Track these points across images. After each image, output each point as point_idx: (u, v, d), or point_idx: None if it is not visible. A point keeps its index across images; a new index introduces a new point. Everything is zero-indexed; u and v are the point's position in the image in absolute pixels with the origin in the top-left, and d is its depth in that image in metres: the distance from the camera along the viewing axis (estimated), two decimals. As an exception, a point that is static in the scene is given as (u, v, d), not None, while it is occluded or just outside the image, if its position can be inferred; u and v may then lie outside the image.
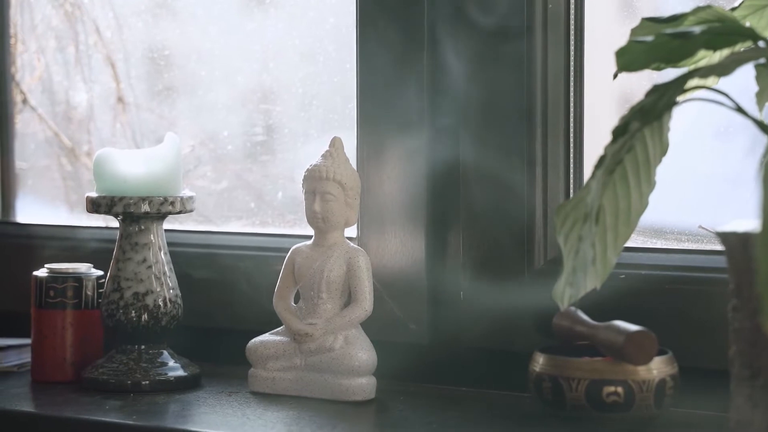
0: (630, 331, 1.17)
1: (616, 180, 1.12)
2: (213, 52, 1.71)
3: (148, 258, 1.44)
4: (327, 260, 1.37)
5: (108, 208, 1.43)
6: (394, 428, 1.27)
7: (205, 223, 1.69)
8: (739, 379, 1.05)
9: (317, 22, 1.63)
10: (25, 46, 1.82)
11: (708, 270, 1.30)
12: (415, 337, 1.44)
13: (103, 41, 1.77)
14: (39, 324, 1.48)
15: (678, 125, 1.13)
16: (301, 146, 1.66)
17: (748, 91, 1.16)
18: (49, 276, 1.48)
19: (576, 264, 1.11)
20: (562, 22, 1.38)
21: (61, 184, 1.81)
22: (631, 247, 1.35)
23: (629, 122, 1.06)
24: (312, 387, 1.37)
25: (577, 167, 1.40)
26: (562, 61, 1.38)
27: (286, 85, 1.67)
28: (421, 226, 1.44)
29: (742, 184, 1.34)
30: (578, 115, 1.40)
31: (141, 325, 1.44)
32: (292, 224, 1.63)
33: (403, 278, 1.44)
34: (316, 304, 1.38)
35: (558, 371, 1.20)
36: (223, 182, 1.70)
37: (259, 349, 1.39)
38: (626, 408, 1.18)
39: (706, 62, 1.16)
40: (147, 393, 1.41)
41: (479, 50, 1.40)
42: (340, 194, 1.37)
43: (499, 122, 1.39)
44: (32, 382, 1.48)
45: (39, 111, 1.82)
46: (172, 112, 1.74)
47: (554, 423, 1.23)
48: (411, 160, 1.44)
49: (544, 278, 1.34)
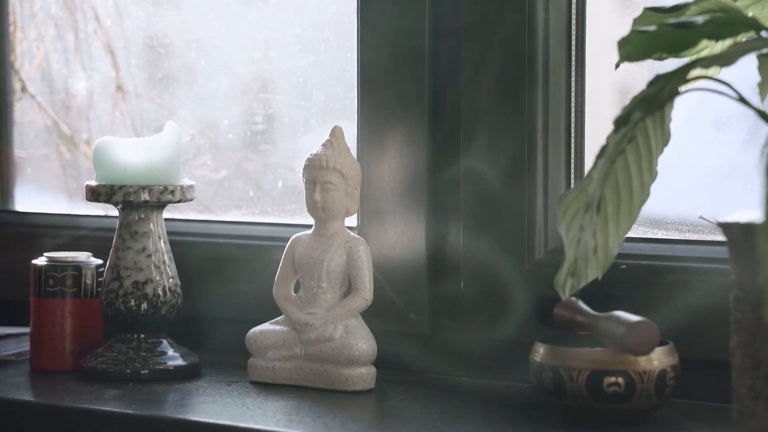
0: (631, 322, 1.17)
1: (618, 170, 1.12)
2: (213, 40, 1.71)
3: (147, 247, 1.44)
4: (327, 250, 1.37)
5: (108, 196, 1.43)
6: (394, 418, 1.27)
7: (205, 212, 1.68)
8: (741, 369, 1.05)
9: (318, 11, 1.63)
10: (25, 34, 1.82)
11: (709, 260, 1.29)
12: (415, 327, 1.44)
13: (102, 29, 1.76)
14: (38, 313, 1.48)
15: (678, 115, 1.12)
16: (301, 135, 1.65)
17: (749, 81, 1.16)
18: (48, 265, 1.48)
19: (577, 254, 1.11)
20: (563, 11, 1.38)
21: (60, 172, 1.81)
22: (632, 238, 1.34)
23: (631, 112, 1.05)
24: (312, 377, 1.37)
25: (578, 157, 1.40)
26: (563, 50, 1.38)
27: (286, 74, 1.67)
28: (421, 216, 1.43)
29: (742, 175, 1.34)
30: (579, 104, 1.39)
31: (140, 314, 1.43)
32: (292, 213, 1.63)
33: (404, 268, 1.44)
34: (316, 294, 1.37)
35: (559, 361, 1.20)
36: (223, 171, 1.69)
37: (258, 338, 1.39)
38: (627, 398, 1.18)
39: (709, 52, 1.16)
40: (146, 382, 1.41)
41: (481, 39, 1.39)
42: (340, 183, 1.37)
43: (500, 112, 1.39)
44: (31, 371, 1.48)
45: (38, 99, 1.81)
46: (172, 101, 1.74)
47: (555, 413, 1.23)
48: (411, 149, 1.44)
49: (545, 268, 1.34)
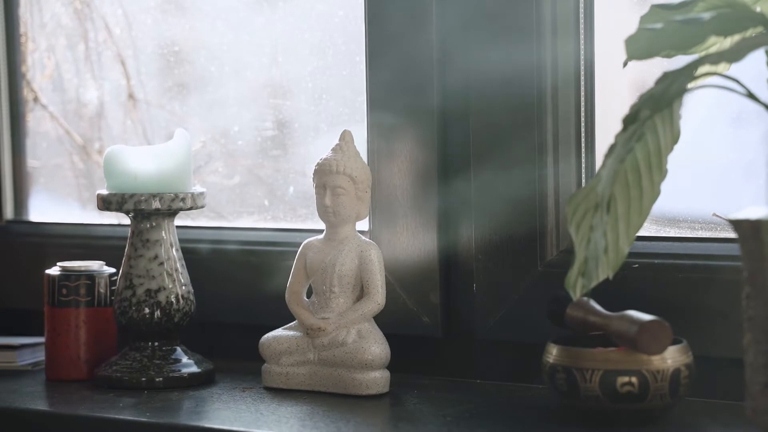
0: (643, 321, 1.17)
1: (627, 169, 1.12)
2: (222, 47, 1.71)
3: (159, 255, 1.44)
4: (339, 254, 1.37)
5: (119, 205, 1.43)
6: (408, 422, 1.27)
7: (217, 219, 1.68)
8: (754, 367, 1.05)
9: (326, 16, 1.63)
10: (36, 45, 1.82)
11: (722, 258, 1.29)
12: (429, 330, 1.44)
13: (112, 38, 1.77)
14: (52, 322, 1.48)
15: (692, 113, 1.12)
16: (311, 140, 1.65)
17: (761, 77, 1.15)
18: (61, 274, 1.48)
19: (588, 254, 1.11)
20: (571, 11, 1.38)
21: (73, 181, 1.81)
22: (644, 236, 1.34)
23: (639, 110, 1.05)
24: (325, 381, 1.37)
25: (589, 157, 1.40)
26: (572, 50, 1.38)
27: (296, 80, 1.66)
28: (432, 219, 1.43)
29: (757, 172, 1.33)
30: (589, 104, 1.39)
31: (154, 322, 1.43)
32: (304, 219, 1.63)
33: (416, 271, 1.44)
34: (328, 299, 1.37)
35: (572, 362, 1.19)
36: (235, 178, 1.70)
37: (272, 344, 1.39)
38: (641, 398, 1.17)
39: (717, 48, 1.15)
40: (161, 390, 1.41)
41: (489, 43, 1.39)
42: (350, 188, 1.37)
43: (509, 114, 1.38)
44: (46, 381, 1.48)
45: (50, 109, 1.82)
46: (182, 108, 1.74)
47: (569, 414, 1.23)
48: (422, 152, 1.43)
49: (557, 269, 1.33)
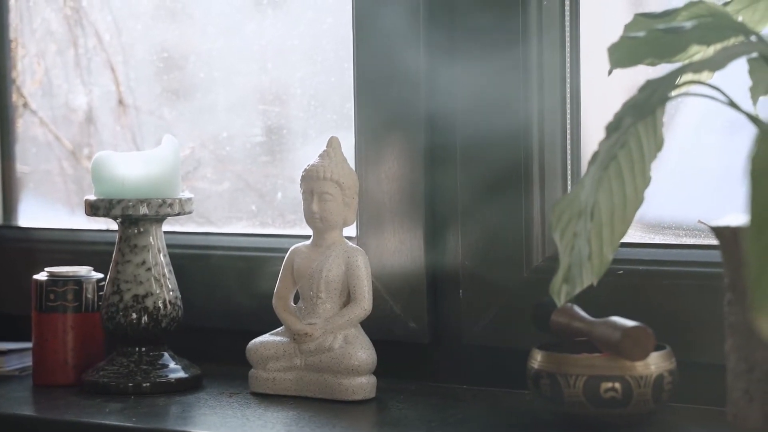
0: (627, 327, 1.17)
1: (611, 176, 1.12)
2: (212, 53, 1.71)
3: (147, 260, 1.45)
4: (326, 260, 1.38)
5: (106, 210, 1.44)
6: (394, 427, 1.27)
7: (206, 225, 1.69)
8: (736, 373, 1.05)
9: (315, 23, 1.63)
10: (26, 50, 1.83)
11: (706, 265, 1.29)
12: (415, 336, 1.44)
13: (102, 44, 1.77)
14: (40, 327, 1.48)
15: (680, 121, 1.12)
16: (300, 146, 1.66)
17: (745, 85, 1.16)
18: (49, 279, 1.48)
19: (572, 260, 1.11)
20: (557, 18, 1.38)
21: (62, 187, 1.82)
22: (628, 243, 1.35)
23: (622, 118, 1.06)
24: (312, 387, 1.37)
25: (575, 164, 1.40)
26: (557, 58, 1.38)
27: (284, 86, 1.67)
28: (419, 225, 1.44)
29: (743, 179, 1.34)
30: (575, 110, 1.39)
31: (141, 327, 1.44)
32: (292, 224, 1.63)
33: (403, 277, 1.44)
34: (315, 304, 1.38)
35: (556, 368, 1.20)
36: (224, 183, 1.70)
37: (259, 349, 1.40)
38: (624, 404, 1.18)
39: (700, 57, 1.16)
40: (148, 395, 1.41)
41: (475, 50, 1.40)
42: (337, 194, 1.37)
43: (496, 120, 1.39)
44: (33, 386, 1.48)
45: (40, 114, 1.82)
46: (172, 114, 1.74)
47: (553, 419, 1.23)
48: (409, 158, 1.44)
49: (543, 275, 1.34)
